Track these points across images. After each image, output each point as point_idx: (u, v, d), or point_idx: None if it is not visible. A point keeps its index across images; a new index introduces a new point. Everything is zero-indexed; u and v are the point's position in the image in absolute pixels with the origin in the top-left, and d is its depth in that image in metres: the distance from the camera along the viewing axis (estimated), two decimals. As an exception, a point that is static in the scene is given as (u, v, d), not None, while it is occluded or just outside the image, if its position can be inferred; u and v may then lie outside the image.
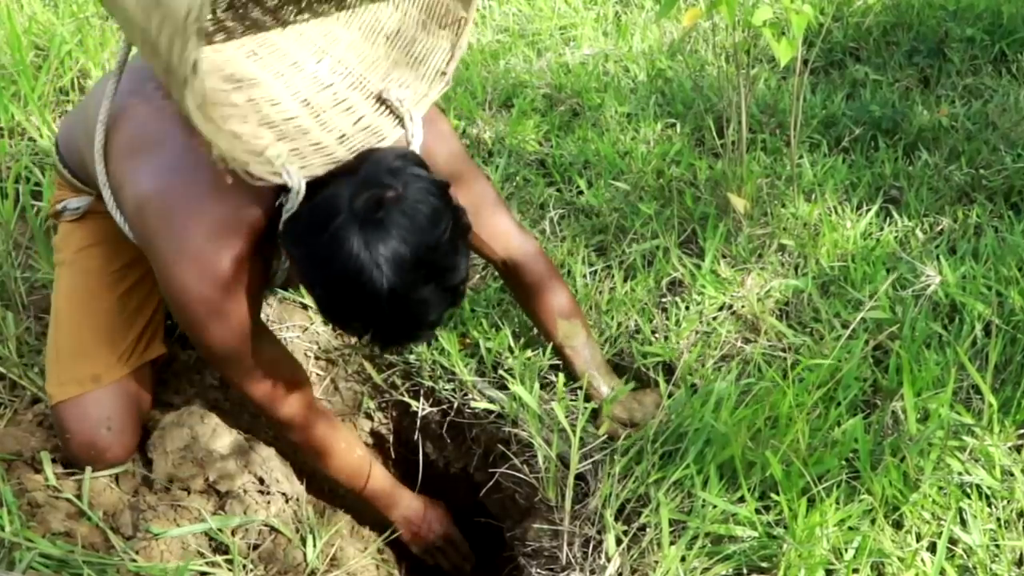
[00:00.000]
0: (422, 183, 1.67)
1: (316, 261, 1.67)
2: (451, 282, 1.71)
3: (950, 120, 3.06)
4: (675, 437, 2.02)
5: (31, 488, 2.02)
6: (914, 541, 1.85)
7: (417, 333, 1.78)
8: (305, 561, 2.10)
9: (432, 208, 1.65)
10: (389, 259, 1.60)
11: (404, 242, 1.61)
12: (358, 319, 1.72)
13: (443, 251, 1.67)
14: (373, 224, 1.60)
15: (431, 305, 1.69)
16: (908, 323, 2.22)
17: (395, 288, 1.62)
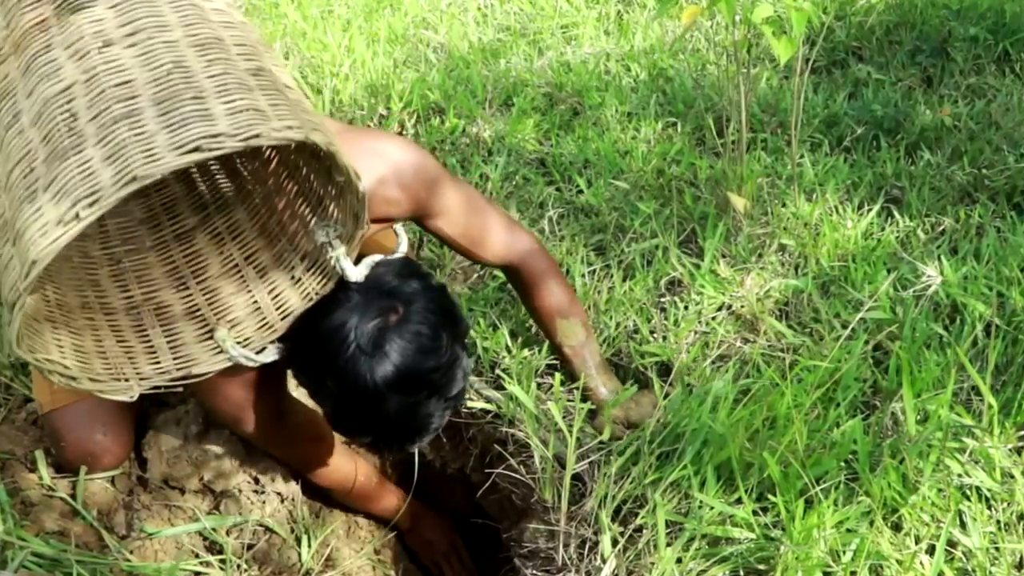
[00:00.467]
0: (421, 301, 1.73)
1: (326, 391, 1.76)
2: (450, 393, 1.79)
3: (953, 120, 3.04)
4: (672, 438, 2.01)
5: (25, 487, 2.01)
6: (913, 543, 1.83)
7: (420, 439, 1.84)
8: (300, 561, 2.09)
9: (432, 327, 1.71)
10: (395, 386, 1.67)
11: (408, 368, 1.68)
12: (367, 435, 1.81)
13: (443, 370, 1.74)
14: (379, 357, 1.66)
15: (433, 417, 1.78)
16: (908, 323, 2.20)
17: (400, 411, 1.71)
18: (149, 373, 1.73)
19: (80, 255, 1.84)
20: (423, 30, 3.96)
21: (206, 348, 1.77)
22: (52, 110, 1.40)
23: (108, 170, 1.31)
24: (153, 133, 1.33)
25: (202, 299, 1.83)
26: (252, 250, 1.86)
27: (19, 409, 2.23)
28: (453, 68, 3.61)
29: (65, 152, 1.34)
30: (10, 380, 2.25)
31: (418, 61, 3.71)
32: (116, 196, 1.29)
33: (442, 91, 3.40)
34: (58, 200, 1.31)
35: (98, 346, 1.72)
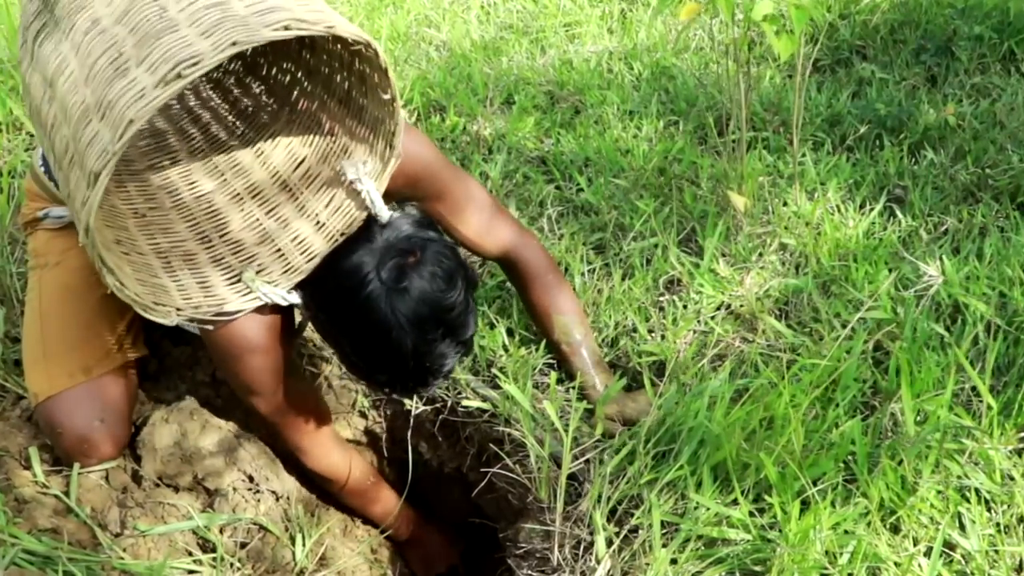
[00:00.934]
0: (436, 246, 1.83)
1: (346, 324, 1.84)
2: (464, 336, 1.88)
3: (957, 119, 3.02)
4: (668, 437, 1.99)
5: (18, 484, 2.00)
6: (911, 545, 1.82)
7: (433, 381, 1.91)
8: (294, 560, 2.07)
9: (447, 271, 1.81)
10: (413, 322, 1.77)
11: (426, 305, 1.78)
12: (383, 373, 1.88)
13: (458, 311, 1.83)
14: (399, 292, 1.76)
15: (447, 357, 1.86)
16: (909, 323, 2.18)
17: (418, 346, 1.79)
18: (184, 306, 1.82)
19: (107, 206, 1.91)
20: (425, 28, 3.95)
21: (235, 291, 1.87)
22: (139, 7, 1.51)
23: (206, 41, 1.42)
24: (245, 16, 1.45)
25: (226, 250, 1.91)
26: (274, 205, 1.95)
27: (13, 406, 2.22)
28: (454, 66, 3.59)
29: (159, 33, 1.45)
30: (3, 379, 2.24)
31: (420, 59, 3.70)
32: (216, 58, 1.40)
33: (443, 89, 3.38)
34: (155, 68, 1.41)
35: (136, 275, 1.79)
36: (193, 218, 1.98)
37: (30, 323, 2.15)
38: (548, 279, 2.25)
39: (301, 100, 1.96)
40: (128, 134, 1.40)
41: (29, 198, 2.27)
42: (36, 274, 2.20)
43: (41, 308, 2.15)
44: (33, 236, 2.25)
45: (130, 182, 2.02)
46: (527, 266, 2.24)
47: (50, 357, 2.10)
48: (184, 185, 2.03)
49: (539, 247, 2.27)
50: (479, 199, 2.18)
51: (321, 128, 1.92)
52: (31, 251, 2.24)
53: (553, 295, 2.24)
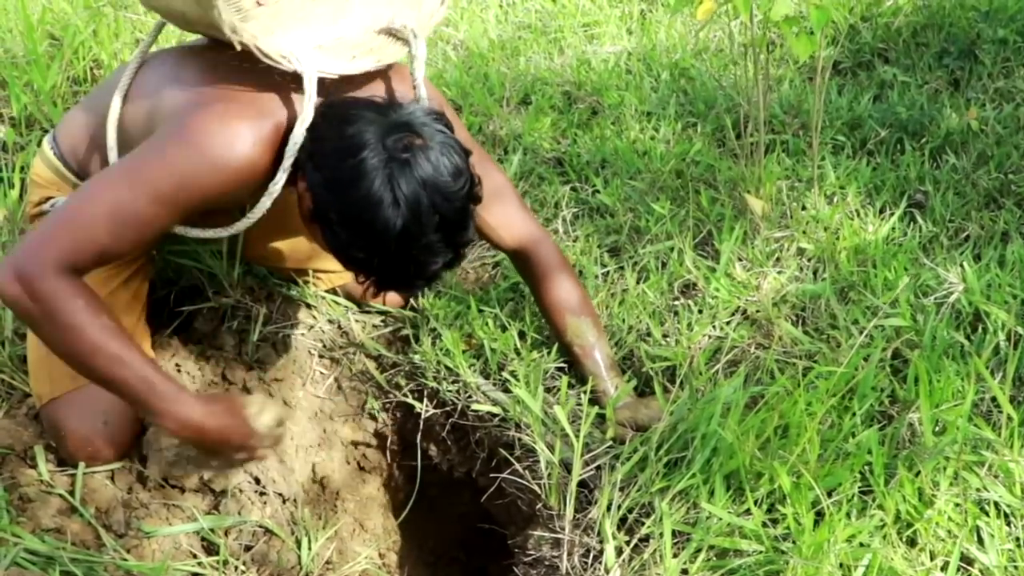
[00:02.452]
0: (449, 140, 1.78)
1: (337, 185, 1.75)
2: (457, 238, 1.81)
3: (979, 123, 2.98)
4: (680, 444, 1.95)
5: (23, 483, 1.98)
6: (928, 560, 1.78)
7: (414, 280, 1.86)
8: (299, 564, 2.05)
9: (454, 164, 1.76)
10: (407, 198, 1.70)
11: (424, 186, 1.71)
12: (364, 250, 1.78)
13: (457, 205, 1.77)
14: (399, 163, 1.71)
15: (434, 254, 1.79)
16: (928, 332, 2.14)
17: (407, 226, 1.72)
18: None
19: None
20: (443, 27, 3.92)
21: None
22: None
23: None
24: None
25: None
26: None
27: (19, 404, 2.20)
28: (471, 65, 3.57)
29: None
30: (10, 376, 2.22)
31: (436, 58, 3.67)
32: None
33: (459, 88, 3.36)
34: None
35: None
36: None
37: None
38: (562, 278, 2.23)
39: None
40: None
41: (37, 187, 2.20)
42: None
43: None
44: None
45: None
46: (542, 263, 2.23)
47: (54, 358, 2.07)
48: None
49: (554, 246, 2.26)
50: (503, 189, 2.17)
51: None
52: None
53: (567, 295, 2.22)
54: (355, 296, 2.48)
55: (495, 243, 2.23)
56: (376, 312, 2.49)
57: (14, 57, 3.09)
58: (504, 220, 2.17)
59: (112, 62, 3.16)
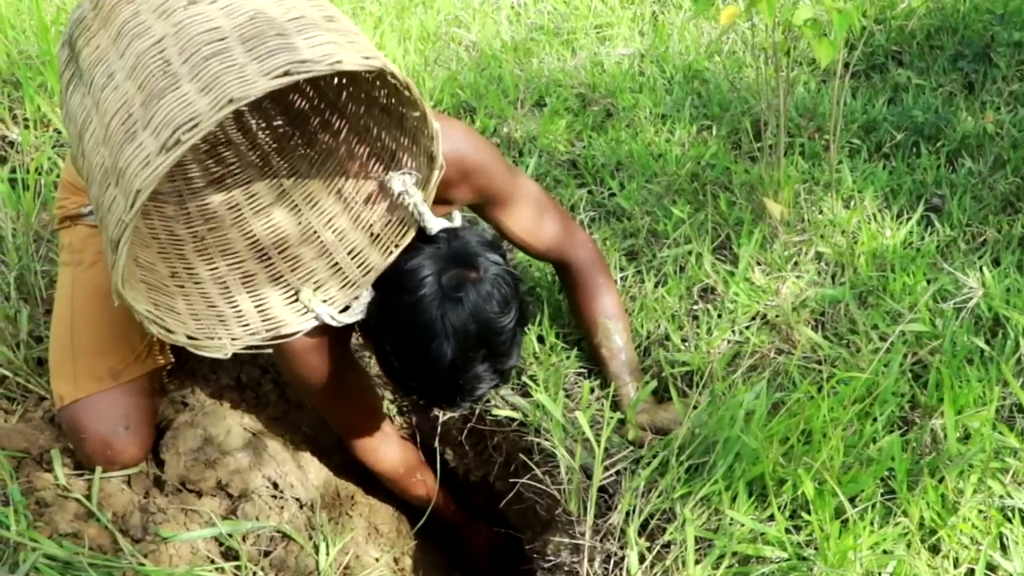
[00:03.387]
0: (499, 270, 1.81)
1: (393, 320, 1.82)
2: (503, 365, 1.85)
3: (996, 127, 2.96)
4: (702, 450, 1.94)
5: (40, 487, 1.98)
6: (951, 567, 1.77)
7: (462, 402, 1.88)
8: (317, 570, 2.04)
9: (503, 296, 1.79)
10: (459, 334, 1.74)
11: (475, 321, 1.75)
12: (416, 379, 1.84)
13: (505, 337, 1.81)
14: (452, 301, 1.75)
15: (481, 381, 1.83)
16: (949, 337, 2.13)
17: (456, 360, 1.76)
18: (240, 334, 1.81)
19: (167, 234, 1.93)
20: (455, 28, 3.91)
21: (293, 310, 1.86)
22: (146, 61, 1.49)
23: (204, 99, 1.39)
24: (244, 64, 1.42)
25: (284, 266, 1.92)
26: (329, 216, 1.94)
27: (35, 408, 2.19)
28: (485, 67, 3.55)
29: (162, 92, 1.43)
30: (26, 379, 2.22)
31: (449, 60, 3.66)
32: (214, 119, 1.37)
33: (473, 90, 3.35)
34: (158, 132, 1.39)
35: (190, 309, 1.80)
36: (253, 235, 1.98)
37: (60, 322, 2.12)
38: (596, 282, 2.26)
39: (349, 104, 1.94)
40: (138, 204, 1.39)
41: (69, 191, 2.22)
42: (69, 271, 2.16)
43: (73, 308, 2.12)
44: (70, 231, 2.21)
45: (191, 201, 2.04)
46: (576, 268, 2.26)
47: (79, 359, 2.07)
48: (244, 199, 2.04)
49: (590, 248, 2.29)
50: (531, 196, 2.18)
51: (370, 135, 1.90)
52: (66, 246, 2.20)
53: (599, 299, 2.25)
54: None
55: (528, 252, 2.25)
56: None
57: (28, 58, 3.08)
58: (533, 228, 2.18)
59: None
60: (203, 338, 1.74)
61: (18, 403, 2.20)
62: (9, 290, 2.42)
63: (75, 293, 2.13)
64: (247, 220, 2.01)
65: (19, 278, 2.45)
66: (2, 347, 2.24)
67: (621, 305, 2.28)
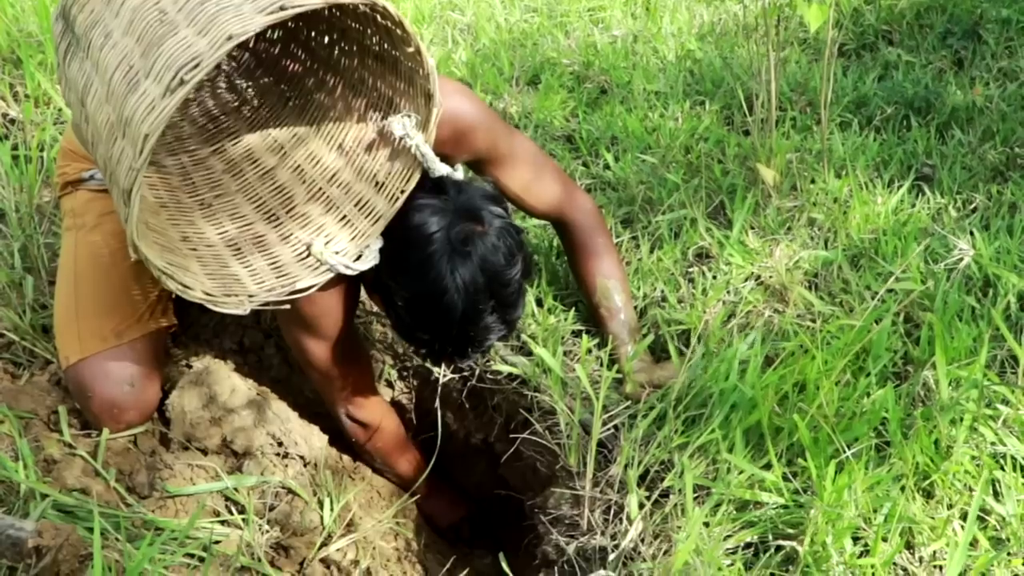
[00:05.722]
0: (504, 223, 1.87)
1: (403, 275, 1.87)
2: (511, 316, 1.91)
3: (984, 100, 3.00)
4: (699, 402, 1.98)
5: (47, 445, 2.00)
6: (945, 511, 1.80)
7: (471, 353, 1.93)
8: (322, 524, 2.07)
9: (509, 248, 1.85)
10: (469, 287, 1.80)
11: (484, 274, 1.81)
12: (428, 332, 1.89)
13: (512, 288, 1.87)
14: (461, 255, 1.80)
15: (491, 332, 1.89)
16: (940, 295, 2.17)
17: (467, 312, 1.82)
18: (256, 291, 1.84)
19: (174, 203, 1.97)
20: (450, 11, 3.95)
21: (306, 265, 1.89)
22: (142, 14, 1.52)
23: (204, 40, 1.42)
24: (239, 4, 1.45)
25: (294, 225, 1.95)
26: (333, 171, 1.98)
27: (41, 371, 2.21)
28: (479, 48, 3.59)
29: (161, 39, 1.46)
30: (32, 344, 2.24)
31: (444, 41, 3.70)
32: (214, 57, 1.40)
33: (468, 68, 3.38)
34: (160, 77, 1.42)
35: (205, 270, 1.83)
36: (259, 198, 2.02)
37: (63, 284, 2.15)
38: (596, 242, 2.29)
39: (342, 60, 1.97)
40: (147, 149, 1.42)
41: (70, 159, 2.26)
42: (72, 235, 2.20)
43: (76, 270, 2.14)
44: (71, 196, 2.24)
45: (194, 172, 2.07)
46: (575, 228, 2.29)
47: (82, 320, 2.09)
48: (247, 165, 2.07)
49: (589, 208, 2.31)
50: (528, 154, 2.21)
51: (365, 87, 1.93)
52: (68, 211, 2.24)
53: (599, 259, 2.28)
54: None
55: (528, 211, 2.28)
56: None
57: (29, 36, 3.11)
58: (531, 187, 2.21)
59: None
60: (220, 295, 1.77)
61: (24, 367, 2.22)
62: (13, 260, 2.44)
63: (78, 256, 2.16)
64: (252, 184, 2.04)
65: (23, 249, 2.47)
66: (8, 312, 2.26)
67: (621, 266, 2.31)
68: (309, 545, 2.01)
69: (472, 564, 2.37)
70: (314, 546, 2.01)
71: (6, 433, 1.96)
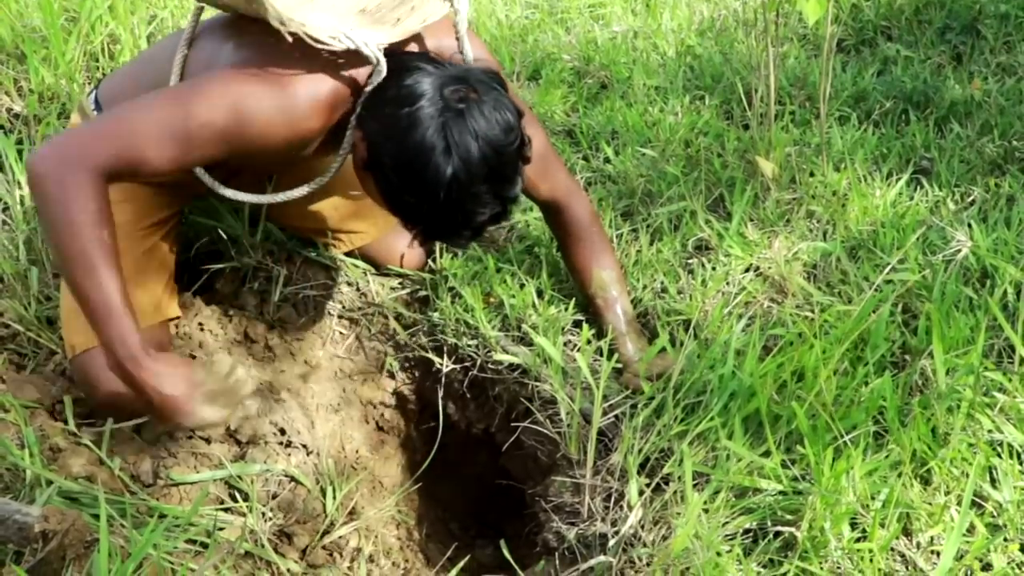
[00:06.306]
0: (502, 97, 1.84)
1: (393, 132, 1.81)
2: (505, 192, 1.86)
3: (983, 95, 3.02)
4: (697, 390, 2.00)
5: (52, 434, 2.01)
6: (942, 497, 1.82)
7: (461, 230, 1.89)
8: (324, 512, 2.09)
9: (506, 119, 1.81)
10: (460, 147, 1.76)
11: (476, 136, 1.77)
12: (415, 196, 1.83)
13: (507, 159, 1.82)
14: (454, 113, 1.76)
15: (482, 204, 1.84)
16: (938, 286, 2.18)
17: (458, 174, 1.77)
18: None
19: None
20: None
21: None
22: None
23: None
24: None
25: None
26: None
27: (46, 361, 2.23)
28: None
29: None
30: (36, 334, 2.26)
31: (445, 37, 3.71)
32: None
33: (469, 64, 3.40)
34: None
35: None
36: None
37: None
38: (592, 234, 2.30)
39: None
40: None
41: None
42: None
43: None
44: None
45: None
46: (573, 218, 2.29)
47: None
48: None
49: (588, 205, 2.33)
50: (538, 142, 2.19)
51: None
52: None
53: (595, 251, 2.29)
54: (373, 259, 2.52)
55: (530, 194, 2.27)
56: (394, 275, 2.53)
57: (33, 30, 3.13)
58: (538, 173, 2.20)
59: (128, 37, 3.19)
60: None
61: (29, 358, 2.24)
62: (18, 252, 2.46)
63: None
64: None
65: (27, 241, 2.49)
66: (14, 304, 2.27)
67: (615, 257, 2.33)
68: (312, 532, 2.03)
69: (473, 553, 2.38)
70: (317, 533, 2.03)
71: (12, 422, 1.97)
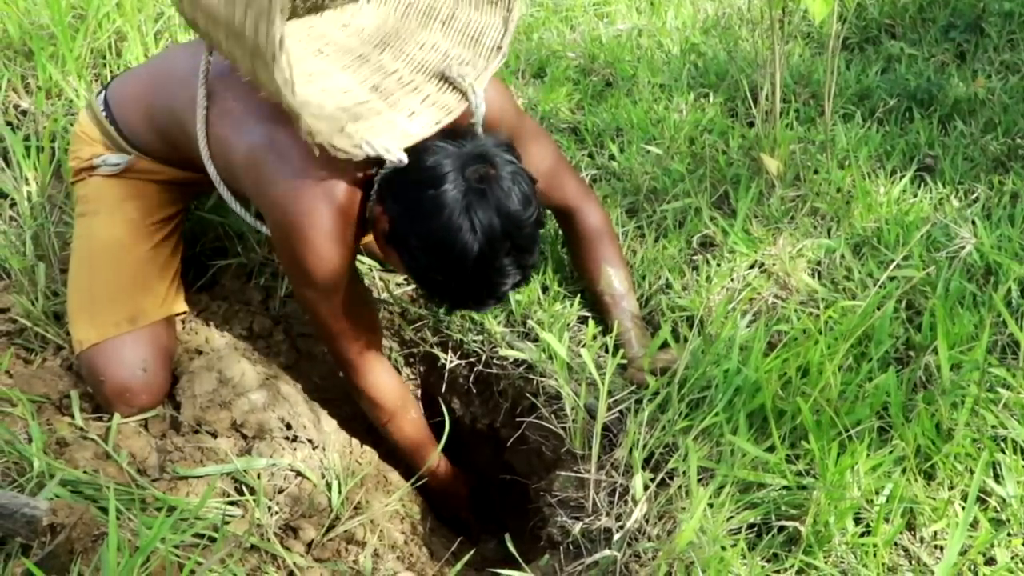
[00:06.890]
0: (517, 168, 1.89)
1: (418, 214, 1.85)
2: (526, 260, 1.91)
3: (986, 92, 3.03)
4: (701, 385, 2.00)
5: (59, 428, 2.02)
6: (946, 492, 1.82)
7: (486, 299, 1.95)
8: (330, 506, 2.09)
9: (524, 193, 1.86)
10: (484, 225, 1.81)
11: (499, 214, 1.81)
12: (442, 273, 1.89)
13: (527, 231, 1.87)
14: (477, 193, 1.81)
15: (505, 276, 1.89)
16: (942, 282, 2.19)
17: (483, 251, 1.82)
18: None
19: None
20: (455, 6, 3.97)
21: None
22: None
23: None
24: None
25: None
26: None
27: (53, 356, 2.24)
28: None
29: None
30: (44, 329, 2.27)
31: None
32: None
33: (474, 61, 3.40)
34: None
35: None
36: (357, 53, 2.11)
37: (78, 270, 2.18)
38: (603, 236, 2.33)
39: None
40: None
41: (84, 143, 2.27)
42: (85, 221, 2.22)
43: (90, 256, 2.17)
44: (84, 183, 2.26)
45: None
46: (584, 224, 2.33)
47: (97, 305, 2.12)
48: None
49: (600, 210, 2.35)
50: (550, 151, 2.26)
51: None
52: (81, 198, 2.26)
53: (604, 249, 2.32)
54: (379, 255, 2.53)
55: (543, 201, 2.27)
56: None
57: (40, 28, 3.13)
58: (550, 181, 2.23)
59: (136, 35, 3.19)
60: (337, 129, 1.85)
61: (37, 352, 2.24)
62: (26, 248, 2.46)
63: (93, 241, 2.19)
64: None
65: (35, 237, 2.49)
66: (21, 299, 2.28)
67: (623, 257, 2.35)
68: (318, 526, 2.04)
69: (478, 547, 2.39)
70: (323, 527, 2.04)
71: (19, 416, 1.98)
